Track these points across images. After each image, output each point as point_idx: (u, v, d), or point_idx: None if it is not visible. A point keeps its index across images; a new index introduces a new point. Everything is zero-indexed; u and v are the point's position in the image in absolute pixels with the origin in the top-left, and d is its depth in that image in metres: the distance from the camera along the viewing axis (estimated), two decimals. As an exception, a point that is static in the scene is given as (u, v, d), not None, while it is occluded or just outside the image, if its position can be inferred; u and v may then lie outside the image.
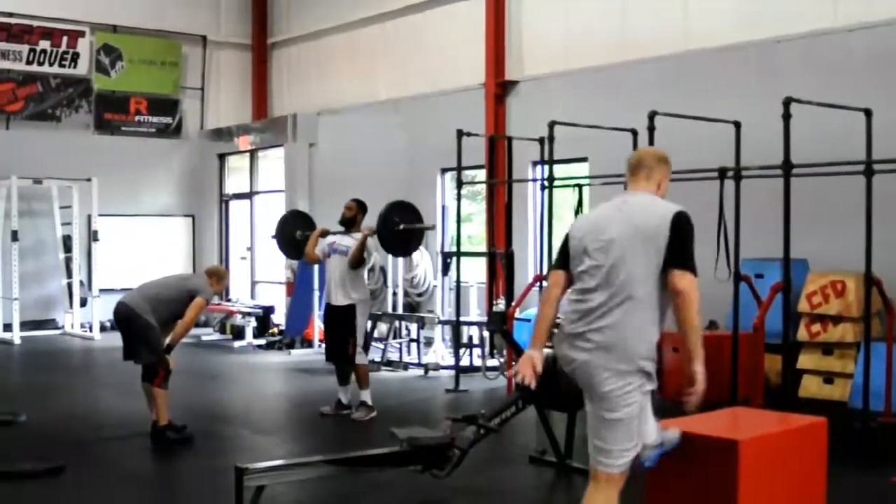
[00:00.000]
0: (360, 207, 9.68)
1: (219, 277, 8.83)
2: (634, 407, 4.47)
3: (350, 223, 9.57)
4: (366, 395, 9.30)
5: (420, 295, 14.76)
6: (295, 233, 10.27)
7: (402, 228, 9.89)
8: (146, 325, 8.35)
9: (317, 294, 14.23)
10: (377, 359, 12.37)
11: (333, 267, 9.49)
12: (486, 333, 12.23)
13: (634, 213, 4.60)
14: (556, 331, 4.82)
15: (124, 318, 8.50)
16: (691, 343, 4.42)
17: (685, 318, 4.39)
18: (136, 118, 18.50)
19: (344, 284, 9.37)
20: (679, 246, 4.47)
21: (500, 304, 11.97)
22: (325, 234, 9.92)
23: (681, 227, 4.51)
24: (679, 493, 4.87)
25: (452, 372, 11.40)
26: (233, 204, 19.16)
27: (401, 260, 14.02)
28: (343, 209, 9.69)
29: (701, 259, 9.26)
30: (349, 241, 9.43)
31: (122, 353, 8.65)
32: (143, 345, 8.41)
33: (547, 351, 6.96)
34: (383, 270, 14.22)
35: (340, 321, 9.36)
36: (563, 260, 4.84)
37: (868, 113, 8.23)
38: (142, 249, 17.68)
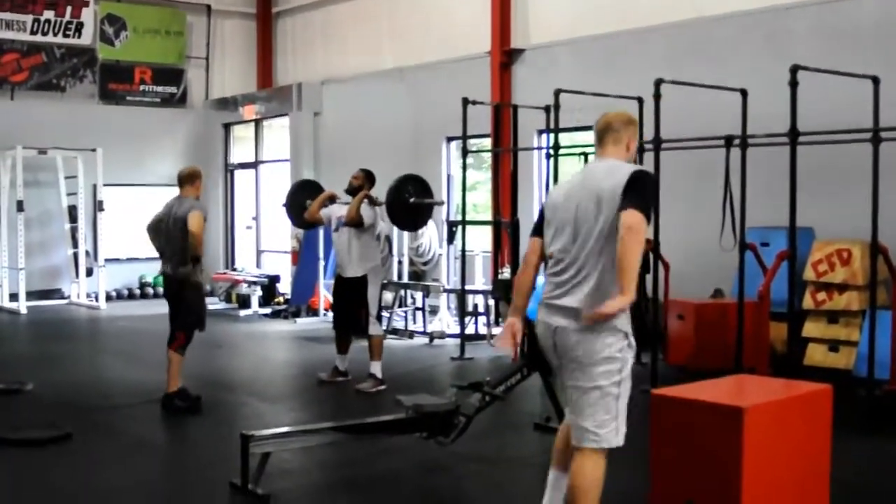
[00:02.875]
0: (367, 177, 9.59)
1: (191, 179, 8.72)
2: (614, 371, 4.49)
3: (356, 192, 9.48)
4: (376, 368, 9.25)
5: (425, 264, 14.76)
6: (305, 202, 10.23)
7: (413, 202, 9.81)
8: (184, 288, 8.42)
9: (322, 263, 14.25)
10: (383, 327, 12.38)
11: (342, 240, 9.41)
12: (491, 302, 12.24)
13: (598, 179, 4.58)
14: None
15: (173, 289, 8.57)
16: (624, 278, 4.27)
17: (624, 251, 4.27)
18: (141, 88, 18.47)
19: (354, 254, 9.31)
20: (632, 192, 4.40)
21: (506, 273, 11.98)
22: (332, 198, 9.88)
23: (636, 180, 4.45)
24: (683, 460, 4.87)
25: (457, 340, 11.43)
26: (238, 173, 19.17)
27: (406, 229, 14.02)
28: (350, 178, 9.64)
29: (707, 227, 9.29)
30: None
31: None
32: (181, 311, 8.49)
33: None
34: (388, 239, 14.20)
35: (352, 292, 9.31)
36: (539, 227, 4.88)
37: (876, 80, 8.17)
38: (147, 219, 17.60)
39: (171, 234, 8.52)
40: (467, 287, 11.91)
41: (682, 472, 4.89)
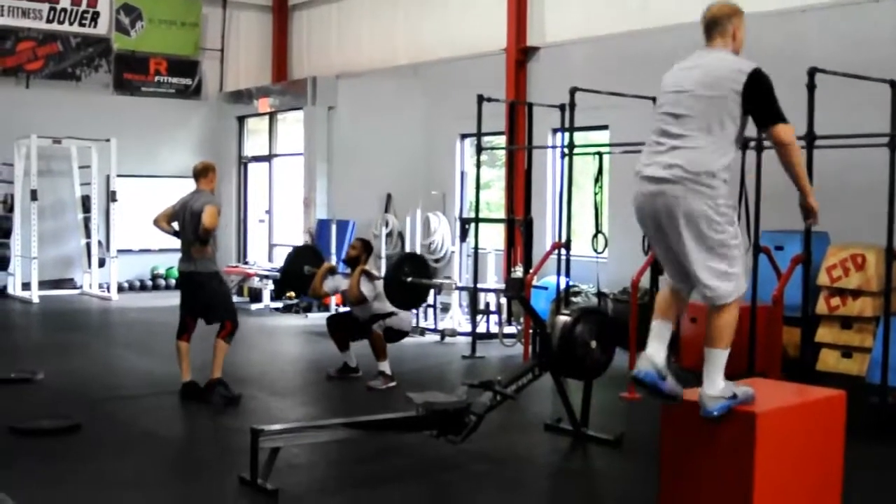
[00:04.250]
0: (364, 247, 9.70)
1: (205, 173, 8.82)
2: (722, 224, 4.68)
3: (354, 263, 9.56)
4: (384, 366, 9.24)
5: (438, 261, 14.73)
6: (303, 267, 10.26)
7: (410, 282, 9.76)
8: (211, 281, 8.57)
9: (334, 258, 14.24)
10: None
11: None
12: (503, 300, 12.21)
13: (710, 63, 4.86)
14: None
15: (194, 286, 8.65)
16: (802, 183, 4.82)
17: (791, 166, 4.76)
18: (156, 79, 18.49)
19: (359, 309, 9.51)
20: (766, 103, 4.73)
21: (518, 271, 11.95)
22: (332, 270, 10.03)
23: (762, 85, 4.73)
24: (695, 465, 4.85)
25: (469, 338, 11.41)
26: (251, 166, 19.17)
27: (419, 225, 14.00)
28: (348, 248, 9.80)
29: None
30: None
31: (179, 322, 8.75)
32: (214, 304, 8.60)
33: (564, 318, 6.99)
34: (401, 236, 14.20)
35: (359, 325, 9.52)
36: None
37: (893, 85, 8.12)
38: (160, 210, 17.65)
39: (187, 228, 8.61)
40: (479, 285, 11.89)
41: (694, 477, 4.87)
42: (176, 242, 8.94)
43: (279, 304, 15.30)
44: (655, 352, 4.93)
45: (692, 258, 4.72)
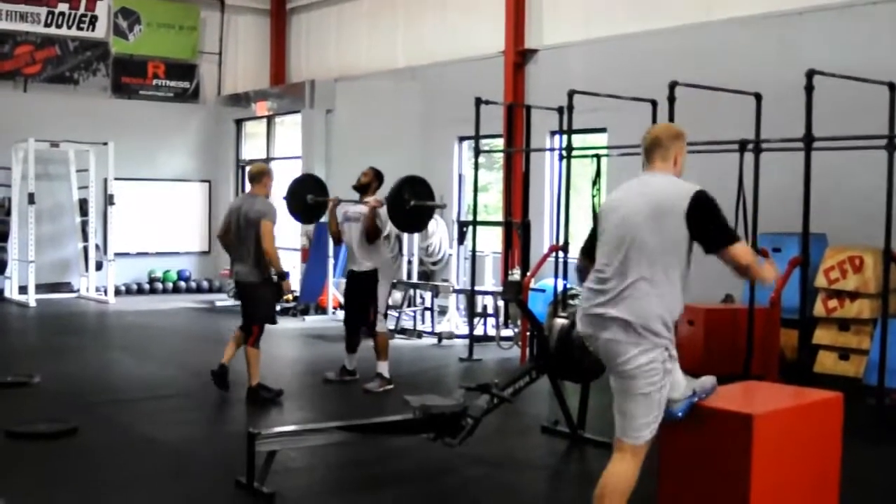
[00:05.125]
0: (376, 176, 9.57)
1: (259, 177, 8.91)
2: (657, 381, 4.51)
3: (364, 190, 9.47)
4: (383, 367, 9.21)
5: (435, 263, 14.74)
6: (306, 196, 10.19)
7: (413, 205, 9.72)
8: (253, 287, 8.63)
9: (332, 261, 14.23)
10: (391, 326, 12.36)
11: (350, 234, 9.42)
12: (500, 303, 12.21)
13: (654, 192, 4.58)
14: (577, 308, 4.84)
15: (240, 290, 8.92)
16: (759, 275, 4.65)
17: (753, 279, 4.91)
18: (154, 82, 18.48)
19: (362, 251, 9.31)
20: (714, 226, 4.51)
21: (516, 274, 11.94)
22: (337, 203, 9.86)
23: (706, 207, 4.49)
24: (693, 467, 4.84)
25: (466, 341, 11.39)
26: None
27: (416, 228, 13.99)
28: (360, 175, 9.62)
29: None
30: (361, 209, 9.36)
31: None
32: (254, 304, 8.75)
33: (561, 321, 6.97)
34: (399, 239, 14.18)
35: (362, 287, 9.30)
36: (589, 247, 4.94)
37: (891, 86, 8.13)
38: (157, 214, 17.74)
39: (240, 233, 8.61)
40: (477, 288, 11.88)
41: (691, 479, 4.86)
42: (172, 245, 8.93)
43: (276, 307, 15.24)
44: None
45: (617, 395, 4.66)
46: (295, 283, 16.28)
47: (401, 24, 16.51)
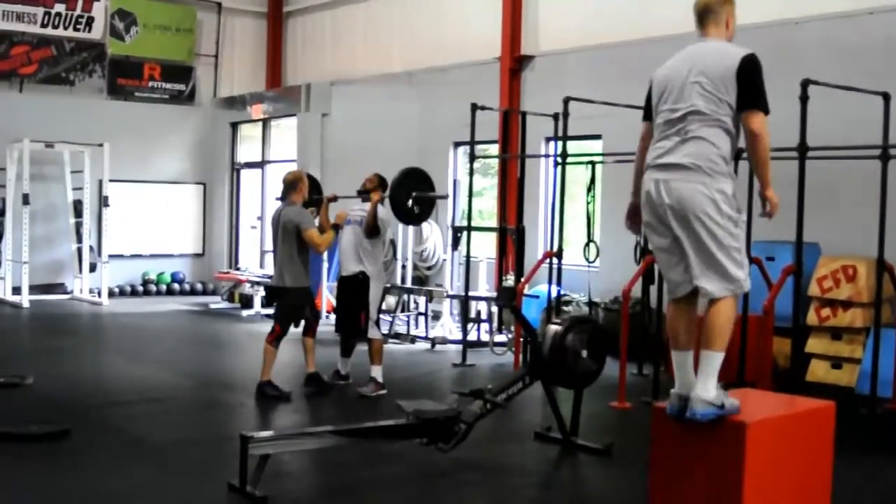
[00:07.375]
0: (380, 183, 9.48)
1: (294, 186, 9.20)
2: (729, 221, 4.75)
3: (368, 195, 9.44)
4: (377, 372, 9.20)
5: (429, 268, 14.73)
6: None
7: (415, 196, 9.71)
8: (286, 290, 9.05)
9: (326, 265, 14.23)
10: (384, 331, 12.36)
11: (347, 237, 9.39)
12: (494, 309, 12.22)
13: (706, 56, 4.84)
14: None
15: (275, 296, 9.31)
16: (761, 176, 4.85)
17: (755, 155, 4.80)
18: (150, 84, 18.47)
19: (357, 254, 9.28)
20: (749, 87, 4.73)
21: (510, 280, 11.94)
22: (333, 199, 9.84)
23: (749, 70, 4.74)
24: (685, 474, 4.85)
25: (460, 346, 11.40)
26: (244, 173, 19.15)
27: (411, 233, 14.00)
28: (364, 181, 9.57)
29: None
30: (362, 212, 9.34)
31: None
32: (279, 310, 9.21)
33: (555, 327, 6.99)
34: (393, 243, 14.19)
35: (353, 292, 9.27)
36: (647, 111, 5.14)
37: (886, 97, 8.16)
38: (152, 216, 17.74)
39: (277, 242, 9.05)
40: (471, 293, 11.89)
41: (683, 486, 4.86)
42: (167, 247, 8.98)
43: (270, 311, 15.24)
44: (681, 386, 4.89)
45: (691, 250, 4.77)
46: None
47: (396, 28, 16.52)
